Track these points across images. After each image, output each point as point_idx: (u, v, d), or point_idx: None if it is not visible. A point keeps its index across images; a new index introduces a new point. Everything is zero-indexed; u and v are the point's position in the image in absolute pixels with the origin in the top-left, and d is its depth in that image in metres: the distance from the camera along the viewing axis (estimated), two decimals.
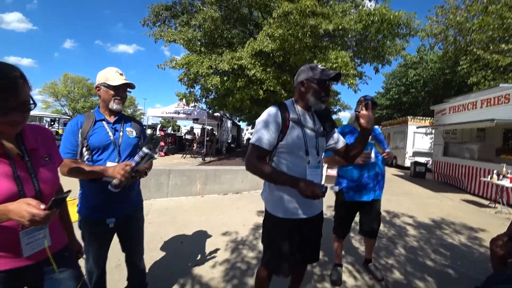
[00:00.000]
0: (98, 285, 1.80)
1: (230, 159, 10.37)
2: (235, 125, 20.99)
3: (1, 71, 0.91)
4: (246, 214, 4.54)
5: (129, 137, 1.75)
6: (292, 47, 7.79)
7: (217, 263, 2.79)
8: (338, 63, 7.85)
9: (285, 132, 1.55)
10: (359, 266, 2.84)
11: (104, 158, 1.63)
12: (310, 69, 1.59)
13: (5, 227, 0.97)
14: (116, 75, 1.67)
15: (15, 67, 0.96)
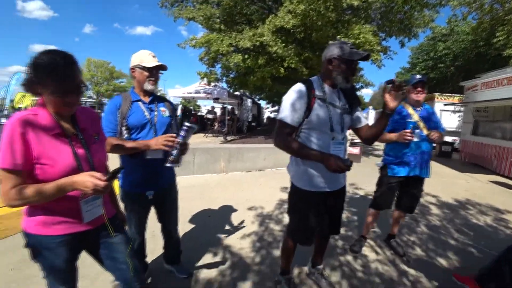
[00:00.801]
0: (139, 251, 2.03)
1: (251, 138, 10.49)
2: (256, 103, 20.90)
3: (59, 58, 1.02)
4: (270, 190, 4.69)
5: (163, 116, 1.86)
6: (314, 23, 7.52)
7: (245, 235, 2.97)
8: (361, 38, 7.52)
9: (311, 109, 1.61)
10: (381, 241, 2.93)
11: (141, 136, 1.76)
12: (340, 47, 1.60)
13: (69, 196, 1.11)
14: (150, 57, 1.76)
15: (70, 54, 1.07)
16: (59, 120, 1.11)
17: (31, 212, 1.14)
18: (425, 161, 2.46)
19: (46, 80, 1.01)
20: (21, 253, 2.47)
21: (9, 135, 0.99)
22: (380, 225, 3.28)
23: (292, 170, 1.81)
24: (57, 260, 1.17)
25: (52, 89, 1.02)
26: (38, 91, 1.05)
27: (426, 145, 2.44)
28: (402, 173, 2.47)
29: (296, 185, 1.78)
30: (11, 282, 2.11)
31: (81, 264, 1.35)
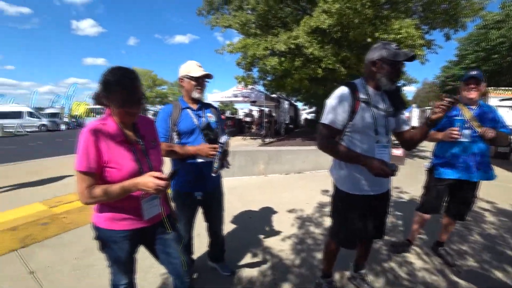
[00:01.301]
0: (187, 248, 2.18)
1: (290, 140, 10.46)
2: (293, 105, 20.81)
3: (125, 73, 1.19)
4: (309, 192, 4.65)
5: (210, 121, 2.00)
6: (350, 21, 7.30)
7: (285, 237, 3.00)
8: (402, 33, 7.10)
9: (355, 112, 1.60)
10: (428, 249, 2.75)
11: (190, 140, 1.91)
12: (384, 48, 1.57)
13: (132, 196, 1.27)
14: (196, 67, 1.91)
15: (133, 70, 1.23)
16: (123, 128, 1.28)
17: (101, 209, 1.32)
18: (478, 163, 2.25)
19: (114, 95, 1.18)
20: (83, 244, 2.83)
21: (84, 142, 1.18)
22: (429, 231, 3.07)
23: (335, 173, 1.81)
24: (120, 252, 1.35)
25: (119, 102, 1.19)
26: (106, 103, 1.23)
27: (479, 146, 2.23)
28: (449, 175, 2.32)
29: (340, 188, 1.77)
30: (75, 269, 2.42)
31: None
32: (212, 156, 1.78)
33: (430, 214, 2.54)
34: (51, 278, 2.28)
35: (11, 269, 2.41)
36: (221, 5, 10.45)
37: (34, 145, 13.83)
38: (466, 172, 2.26)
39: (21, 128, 21.13)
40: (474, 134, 2.20)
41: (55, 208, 3.88)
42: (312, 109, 26.20)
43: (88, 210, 3.73)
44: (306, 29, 7.60)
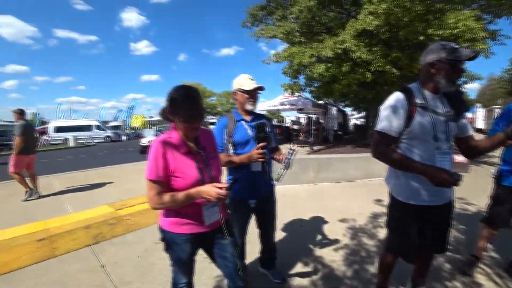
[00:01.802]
0: (240, 253, 2.20)
1: (339, 147, 10.09)
2: (341, 111, 20.13)
3: (189, 91, 1.30)
4: (362, 202, 4.43)
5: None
6: (399, 20, 6.88)
7: (337, 247, 2.90)
8: (459, 28, 6.39)
9: (411, 118, 1.51)
10: (500, 269, 2.41)
11: (245, 151, 1.97)
12: (442, 49, 1.48)
13: (195, 203, 1.37)
14: (248, 80, 1.98)
15: (195, 88, 1.34)
16: (187, 141, 1.40)
17: (167, 214, 1.44)
18: None
19: (179, 110, 1.29)
20: (144, 245, 3.08)
21: (154, 154, 1.30)
22: (501, 248, 2.69)
23: (392, 182, 1.71)
24: (182, 253, 1.45)
25: (183, 117, 1.30)
26: (171, 118, 1.35)
27: None
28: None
29: (396, 197, 1.67)
30: (138, 267, 2.63)
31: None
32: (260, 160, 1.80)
33: (498, 228, 2.26)
34: (118, 272, 2.52)
35: (86, 262, 2.73)
36: (265, 16, 10.66)
37: (101, 154, 15.54)
38: None
39: (90, 139, 24.06)
40: None
41: (120, 210, 4.28)
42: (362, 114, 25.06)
43: (148, 213, 4.05)
44: (352, 33, 7.34)
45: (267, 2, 10.45)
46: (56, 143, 23.44)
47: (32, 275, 2.53)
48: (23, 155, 5.21)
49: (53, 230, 3.53)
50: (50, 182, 6.81)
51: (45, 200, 5.15)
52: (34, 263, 2.72)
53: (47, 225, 3.72)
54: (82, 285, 2.35)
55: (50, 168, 10.00)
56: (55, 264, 2.71)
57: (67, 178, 7.29)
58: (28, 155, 5.33)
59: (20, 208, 4.68)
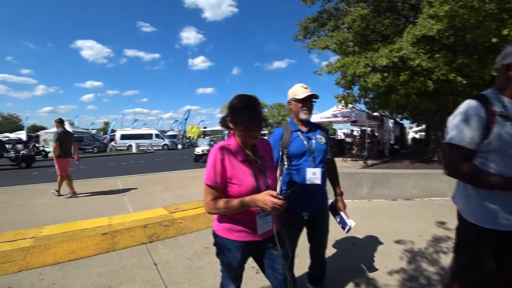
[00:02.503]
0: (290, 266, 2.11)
1: (395, 162, 9.35)
2: (398, 124, 18.77)
3: (249, 99, 1.33)
4: (422, 223, 4.00)
5: (320, 143, 1.97)
6: (466, 22, 6.21)
7: (392, 271, 2.64)
8: None
9: (489, 129, 1.30)
10: None
11: (301, 162, 1.91)
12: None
13: (249, 211, 1.37)
14: (301, 89, 1.92)
15: (255, 97, 1.36)
16: (244, 149, 1.41)
17: (220, 219, 1.46)
18: None
19: (239, 118, 1.32)
20: (195, 248, 3.18)
21: (212, 160, 1.34)
22: None
23: (462, 201, 1.49)
24: (233, 260, 1.44)
25: (243, 125, 1.32)
26: (231, 126, 1.38)
27: None
28: None
29: (468, 219, 1.45)
30: (187, 269, 2.71)
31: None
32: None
33: None
34: (169, 272, 2.63)
35: (141, 258, 2.92)
36: (317, 28, 10.59)
37: (159, 160, 16.81)
38: None
39: (150, 146, 26.24)
40: None
41: (174, 213, 4.52)
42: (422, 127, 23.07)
43: (199, 219, 4.21)
44: (411, 39, 6.84)
45: (319, 14, 10.40)
46: (121, 149, 26.22)
47: (95, 264, 2.80)
48: (61, 159, 5.88)
49: (115, 226, 3.87)
50: (115, 183, 7.58)
51: (110, 199, 5.71)
52: (98, 254, 3.01)
53: (110, 221, 4.09)
54: (136, 279, 2.50)
55: (115, 171, 11.15)
56: (115, 256, 2.96)
57: (129, 180, 8.01)
58: (66, 158, 5.99)
59: (89, 204, 5.25)
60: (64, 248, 3.16)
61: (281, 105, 47.41)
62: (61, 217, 4.42)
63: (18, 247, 3.21)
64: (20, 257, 2.93)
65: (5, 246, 3.24)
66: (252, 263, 1.58)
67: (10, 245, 3.28)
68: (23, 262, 2.83)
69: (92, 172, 10.73)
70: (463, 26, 6.50)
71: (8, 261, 2.84)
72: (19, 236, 3.57)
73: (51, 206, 5.21)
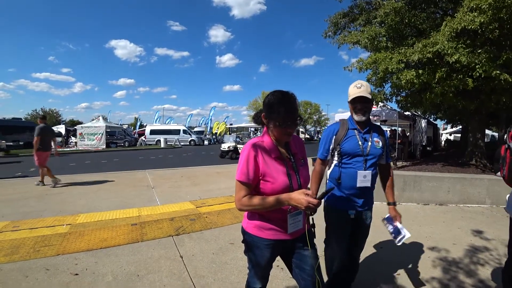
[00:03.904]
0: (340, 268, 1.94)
1: (427, 164, 8.84)
2: (431, 124, 17.77)
3: (286, 96, 1.30)
4: (457, 231, 3.76)
5: (376, 147, 1.85)
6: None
7: (424, 279, 2.50)
8: None
9: None
10: None
11: (351, 163, 1.82)
12: None
13: (280, 209, 1.33)
14: (354, 89, 1.81)
15: (292, 93, 1.32)
16: (278, 146, 1.39)
17: (251, 216, 1.44)
18: None
19: (275, 114, 1.29)
20: (220, 243, 3.22)
21: (245, 156, 1.32)
22: None
23: None
24: (261, 258, 1.42)
25: (278, 121, 1.29)
26: (265, 122, 1.36)
27: None
28: None
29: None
30: (212, 263, 2.75)
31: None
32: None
33: None
34: (194, 265, 2.68)
35: (168, 250, 3.00)
36: (347, 23, 10.23)
37: (186, 155, 17.27)
38: None
39: (178, 142, 27.04)
40: None
41: (200, 208, 4.61)
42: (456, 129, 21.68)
43: (224, 214, 4.26)
44: (448, 33, 6.37)
45: (350, 8, 10.04)
46: (151, 144, 27.24)
47: (125, 253, 2.92)
48: (40, 152, 6.26)
49: (144, 218, 4.02)
50: (145, 176, 7.87)
51: (140, 191, 5.94)
52: (127, 243, 3.14)
53: (140, 213, 4.26)
54: (162, 270, 2.57)
55: (145, 165, 11.60)
56: (143, 247, 3.07)
57: (158, 174, 8.30)
58: (45, 152, 6.37)
59: (120, 196, 5.50)
60: (97, 236, 3.33)
61: (308, 103, 46.82)
62: (94, 206, 4.68)
63: (56, 232, 3.44)
64: (58, 242, 3.14)
65: (45, 231, 3.47)
66: (277, 261, 1.55)
67: (49, 230, 3.52)
68: (60, 247, 3.02)
69: (124, 165, 11.25)
70: (510, 17, 5.95)
71: (47, 245, 3.05)
72: (57, 222, 3.83)
73: (86, 195, 5.52)
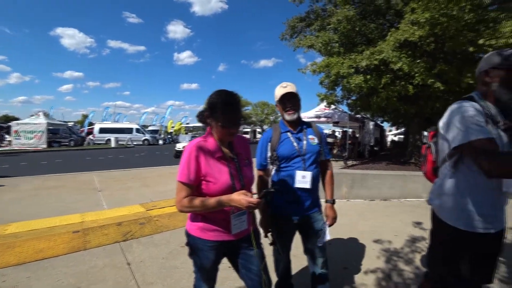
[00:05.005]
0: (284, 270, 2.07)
1: (375, 163, 9.57)
2: (378, 126, 19.26)
3: (230, 96, 1.28)
4: (398, 223, 4.10)
5: (311, 144, 1.83)
6: (446, 30, 6.44)
7: (369, 271, 2.68)
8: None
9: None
10: None
11: (290, 165, 1.79)
12: (497, 55, 1.33)
13: (223, 210, 1.32)
14: (280, 89, 1.78)
15: (235, 93, 1.31)
16: (221, 146, 1.37)
17: (194, 218, 1.41)
18: None
19: (218, 114, 1.27)
20: (170, 247, 3.09)
21: (187, 156, 1.29)
22: None
23: (438, 202, 1.51)
24: (206, 260, 1.39)
25: (221, 121, 1.27)
26: (208, 122, 1.34)
27: None
28: None
29: (448, 222, 1.45)
30: (162, 268, 2.63)
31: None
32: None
33: None
34: (142, 272, 2.54)
35: (114, 258, 2.80)
36: (303, 28, 10.67)
37: (138, 156, 16.38)
38: None
39: (130, 141, 25.54)
40: None
41: (151, 211, 4.39)
42: (400, 131, 23.77)
43: (176, 216, 4.10)
44: (393, 43, 7.02)
45: (307, 14, 10.47)
46: (100, 143, 25.33)
47: (64, 264, 2.66)
48: None
49: (87, 224, 3.70)
50: (91, 178, 7.28)
51: (85, 195, 5.47)
52: (67, 253, 2.86)
53: (83, 218, 3.92)
54: (107, 280, 2.39)
55: (92, 166, 10.73)
56: (86, 256, 2.82)
57: (106, 176, 7.74)
58: None
59: (61, 200, 5.01)
60: (31, 247, 2.98)
61: (265, 104, 47.47)
62: (30, 213, 4.19)
63: None
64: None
65: None
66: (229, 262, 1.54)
67: None
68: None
69: (67, 167, 10.29)
70: (443, 34, 6.71)
71: None
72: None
73: (19, 201, 4.93)
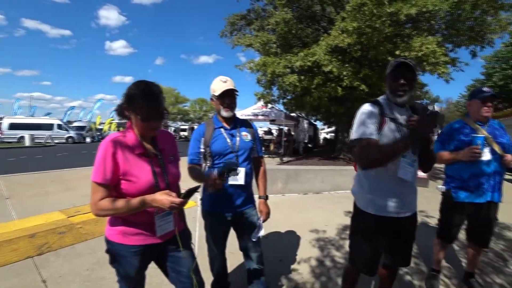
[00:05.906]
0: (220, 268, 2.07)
1: (308, 159, 10.23)
2: (312, 125, 20.64)
3: (148, 87, 1.17)
4: (329, 214, 4.46)
5: (245, 141, 1.86)
6: (370, 40, 7.27)
7: (302, 260, 2.84)
8: (423, 51, 6.89)
9: (381, 129, 1.53)
10: (457, 280, 2.49)
11: (223, 162, 1.76)
12: (390, 63, 1.57)
13: (146, 211, 1.22)
14: (220, 84, 1.75)
15: (157, 84, 1.21)
16: (143, 141, 1.26)
17: (114, 222, 1.28)
18: (497, 183, 2.09)
19: (137, 107, 1.16)
20: (96, 256, 2.80)
21: (102, 153, 1.16)
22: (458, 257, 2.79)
23: (356, 191, 1.71)
24: (130, 267, 1.28)
25: (141, 115, 1.17)
26: (127, 116, 1.21)
27: (497, 165, 2.06)
28: (466, 198, 2.13)
29: (359, 206, 1.65)
30: (86, 281, 2.37)
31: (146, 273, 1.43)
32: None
33: (448, 242, 2.35)
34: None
35: (25, 277, 2.40)
36: (243, 26, 10.77)
37: (60, 155, 14.43)
38: (488, 192, 2.07)
39: (50, 139, 22.29)
40: (493, 153, 2.03)
41: (73, 217, 3.92)
42: (332, 129, 25.86)
43: (103, 222, 3.72)
44: (325, 48, 7.62)
45: (247, 12, 10.57)
46: (10, 141, 21.58)
47: None
48: None
49: None
50: None
51: None
52: None
53: None
54: None
55: None
56: None
57: (17, 180, 6.63)
58: None
59: None
60: None
61: (203, 101, 46.66)
62: None
63: None
64: None
65: None
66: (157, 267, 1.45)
67: None
68: None
69: None
70: (368, 43, 7.54)
71: None
72: None
73: None
